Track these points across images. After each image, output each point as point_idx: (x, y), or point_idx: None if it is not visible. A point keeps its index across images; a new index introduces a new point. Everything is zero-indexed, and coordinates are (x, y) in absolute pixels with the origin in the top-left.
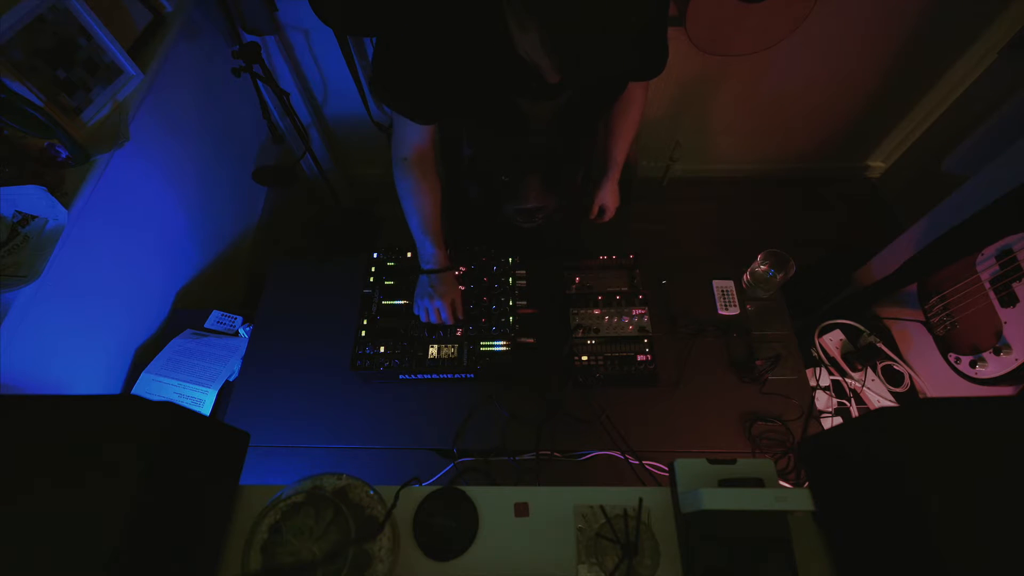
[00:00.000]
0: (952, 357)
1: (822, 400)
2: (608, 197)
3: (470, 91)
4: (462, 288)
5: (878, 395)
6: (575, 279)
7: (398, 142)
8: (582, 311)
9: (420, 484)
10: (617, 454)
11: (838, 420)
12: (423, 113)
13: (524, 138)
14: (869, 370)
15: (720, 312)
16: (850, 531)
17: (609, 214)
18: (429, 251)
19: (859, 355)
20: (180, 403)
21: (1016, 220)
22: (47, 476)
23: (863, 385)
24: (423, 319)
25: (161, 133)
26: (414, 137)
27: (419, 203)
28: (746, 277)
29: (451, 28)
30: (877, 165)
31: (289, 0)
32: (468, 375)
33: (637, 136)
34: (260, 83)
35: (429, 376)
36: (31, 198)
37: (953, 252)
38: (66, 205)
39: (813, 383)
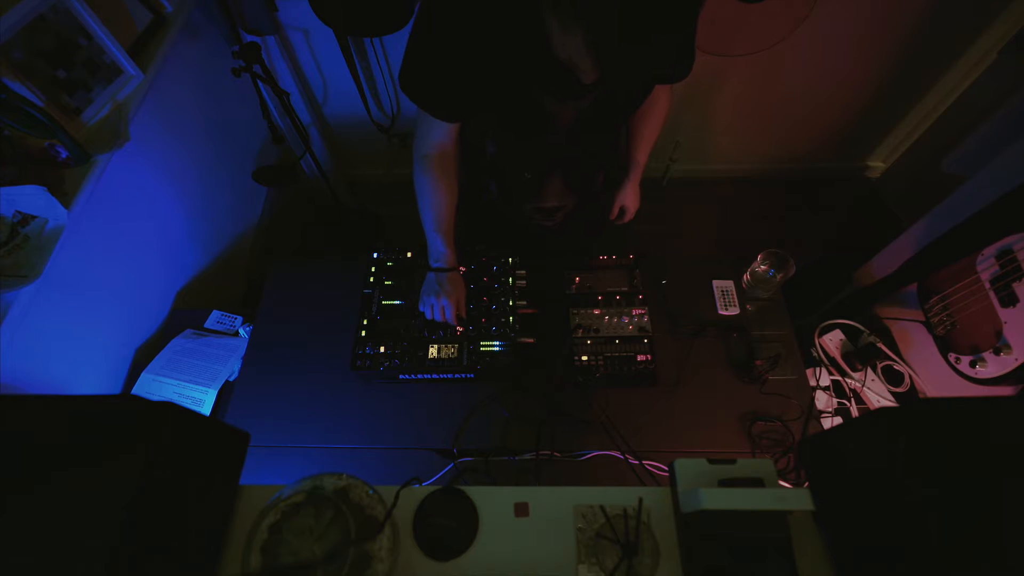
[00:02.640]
0: (952, 357)
1: (822, 400)
2: (629, 198)
3: (498, 90)
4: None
5: (878, 395)
6: (575, 279)
7: (421, 139)
8: (582, 311)
9: (420, 484)
10: (617, 454)
11: (838, 420)
12: (450, 112)
13: (547, 137)
14: (869, 370)
15: (720, 312)
16: (850, 531)
17: (629, 215)
18: (440, 250)
19: (859, 355)
20: (180, 403)
21: (1016, 220)
22: (46, 476)
23: (863, 385)
24: (428, 316)
25: (161, 133)
26: (438, 135)
27: (435, 202)
28: (746, 277)
29: (485, 28)
30: (877, 165)
31: (289, 0)
32: (468, 375)
33: None
34: (260, 83)
35: (429, 376)
36: (31, 198)
37: (953, 252)
38: (66, 205)
39: (813, 383)
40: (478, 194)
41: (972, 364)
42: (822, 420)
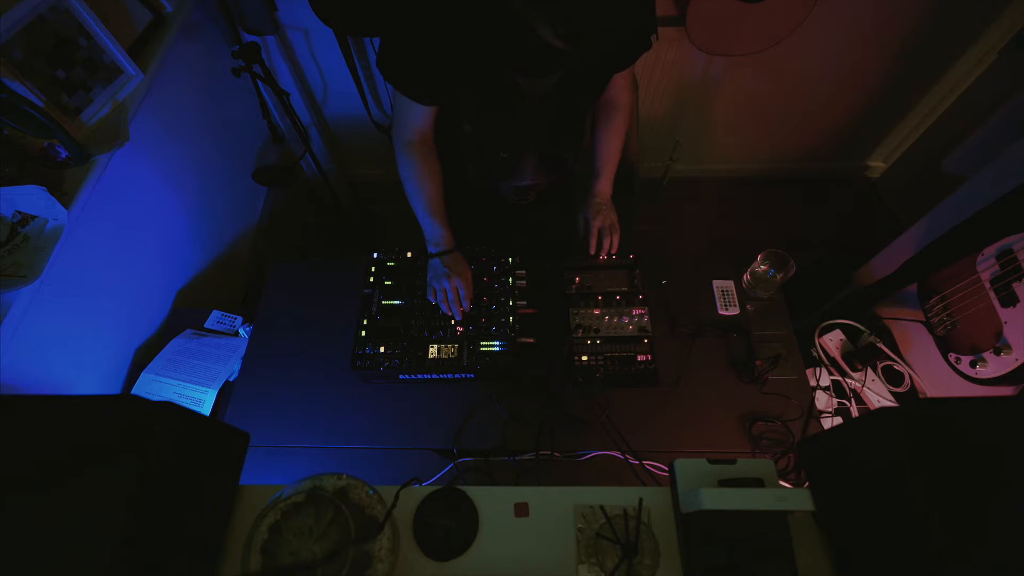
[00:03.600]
0: (952, 357)
1: (822, 400)
2: (600, 214)
3: (472, 70)
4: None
5: (878, 395)
6: (575, 279)
7: (401, 126)
8: (582, 311)
9: (420, 484)
10: (617, 454)
11: (838, 420)
12: (427, 94)
13: (520, 114)
14: (869, 370)
15: (720, 312)
16: (850, 531)
17: (613, 238)
18: (437, 233)
19: (859, 355)
20: (180, 403)
21: (1016, 220)
22: (46, 476)
23: (863, 385)
24: (438, 299)
25: (161, 133)
26: (416, 120)
27: (423, 186)
28: (746, 277)
29: (457, 10)
30: (877, 165)
31: (289, 0)
32: (468, 375)
33: (638, 137)
34: (260, 83)
35: (429, 376)
36: (31, 198)
37: (953, 252)
38: (66, 205)
39: (813, 383)
40: (457, 178)
41: (972, 364)
42: (822, 420)
